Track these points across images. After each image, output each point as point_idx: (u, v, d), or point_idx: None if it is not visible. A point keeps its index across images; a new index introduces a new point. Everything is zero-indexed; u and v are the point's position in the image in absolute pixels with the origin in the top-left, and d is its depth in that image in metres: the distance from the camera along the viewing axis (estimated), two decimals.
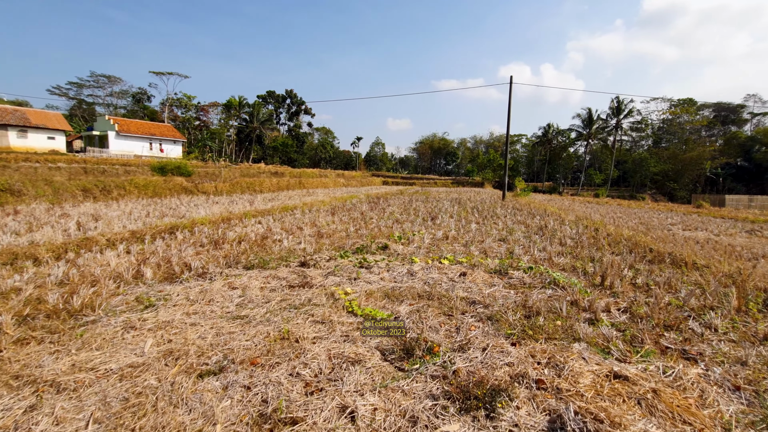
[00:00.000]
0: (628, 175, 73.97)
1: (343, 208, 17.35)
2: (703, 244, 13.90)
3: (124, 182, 20.53)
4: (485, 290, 5.36)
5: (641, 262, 7.42)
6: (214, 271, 6.23)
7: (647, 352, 3.52)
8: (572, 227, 12.26)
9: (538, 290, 5.44)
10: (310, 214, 14.96)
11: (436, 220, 13.57)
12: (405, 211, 16.99)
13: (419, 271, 6.34)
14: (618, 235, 9.91)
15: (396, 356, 3.40)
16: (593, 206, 32.92)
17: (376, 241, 8.82)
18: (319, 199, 21.69)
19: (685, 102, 76.59)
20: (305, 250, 7.99)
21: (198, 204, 17.08)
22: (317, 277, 5.92)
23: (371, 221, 13.09)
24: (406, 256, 7.55)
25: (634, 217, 23.32)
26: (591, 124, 68.03)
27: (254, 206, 16.82)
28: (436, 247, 8.68)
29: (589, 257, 7.67)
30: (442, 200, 24.29)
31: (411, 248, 8.45)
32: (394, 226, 12.04)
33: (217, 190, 26.12)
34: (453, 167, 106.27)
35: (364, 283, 5.69)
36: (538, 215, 15.89)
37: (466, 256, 7.63)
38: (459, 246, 8.86)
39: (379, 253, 7.98)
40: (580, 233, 10.87)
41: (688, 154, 66.05)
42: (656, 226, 18.37)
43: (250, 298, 4.97)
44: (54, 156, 29.09)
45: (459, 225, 12.57)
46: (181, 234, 9.54)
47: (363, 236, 10.02)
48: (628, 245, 8.86)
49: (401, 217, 14.52)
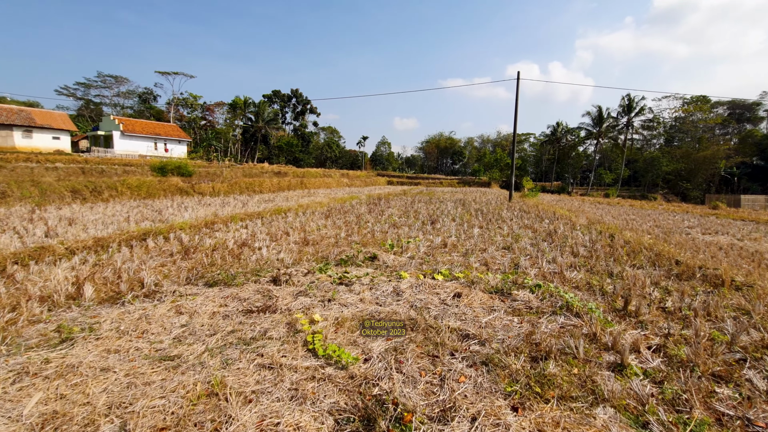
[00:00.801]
0: (639, 174, 72.10)
1: (339, 211, 16.46)
2: (727, 251, 12.78)
3: (116, 183, 19.83)
4: (483, 317, 4.41)
5: (668, 277, 6.41)
6: (168, 289, 5.35)
7: (699, 425, 2.55)
8: (584, 233, 11.23)
9: (548, 317, 4.48)
10: (303, 217, 14.08)
11: (437, 224, 12.61)
12: (405, 213, 16.04)
13: (407, 289, 5.41)
14: (637, 244, 8.88)
15: (352, 429, 2.48)
16: (604, 207, 31.67)
17: (364, 251, 7.89)
18: (317, 201, 20.81)
19: (699, 99, 74.42)
20: (283, 261, 7.10)
21: (188, 206, 16.29)
22: (286, 297, 5.02)
23: (366, 225, 12.18)
24: (396, 270, 6.62)
25: (649, 219, 22.13)
26: (601, 123, 66.29)
27: (246, 208, 15.99)
28: (432, 257, 7.74)
29: (606, 271, 6.68)
30: (445, 201, 23.29)
31: (404, 258, 7.51)
32: (389, 231, 11.11)
33: (214, 190, 25.38)
34: (460, 167, 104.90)
35: (339, 306, 4.77)
36: (546, 218, 14.85)
37: (465, 269, 6.68)
38: (458, 256, 7.91)
39: (366, 264, 7.06)
40: (593, 240, 9.86)
41: (701, 153, 64.09)
42: (673, 230, 17.23)
43: (193, 328, 4.08)
44: (54, 156, 28.67)
45: (461, 230, 11.61)
46: (153, 241, 8.71)
47: (353, 243, 9.12)
48: (650, 256, 7.84)
49: (400, 221, 13.59)
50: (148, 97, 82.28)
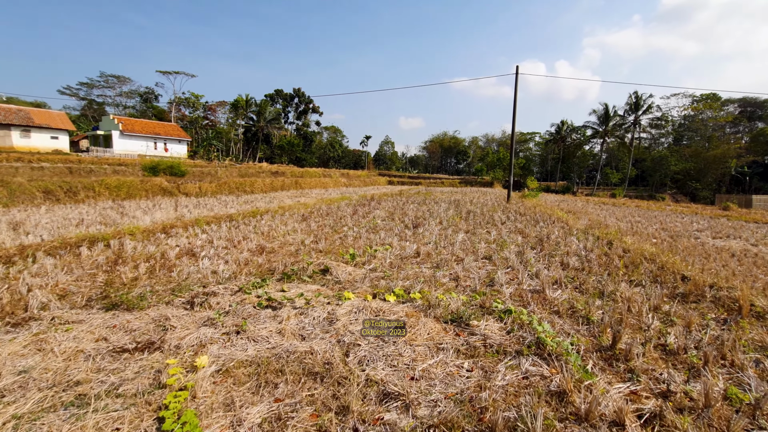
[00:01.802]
0: (647, 174, 70.25)
1: (322, 213, 15.44)
2: (740, 258, 11.59)
3: (93, 183, 18.99)
4: (422, 362, 3.36)
5: (671, 298, 5.30)
6: (49, 314, 4.36)
7: None
8: (580, 239, 10.10)
9: (509, 361, 3.41)
10: (279, 219, 13.08)
11: (419, 228, 11.54)
12: (391, 215, 14.99)
13: (344, 316, 4.36)
14: (638, 253, 7.74)
15: None
16: (609, 208, 30.36)
17: (317, 262, 6.85)
18: (304, 202, 19.81)
19: (709, 97, 72.40)
20: (218, 275, 6.08)
21: (162, 207, 15.37)
22: (186, 327, 4.01)
23: (342, 230, 11.15)
24: (345, 287, 5.58)
25: (655, 221, 20.86)
26: (607, 121, 64.58)
27: (225, 210, 15.03)
28: (397, 270, 6.68)
29: (597, 290, 5.58)
30: (439, 202, 22.18)
31: (362, 271, 6.47)
32: (364, 236, 10.07)
33: (201, 191, 24.49)
34: (464, 166, 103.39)
35: (247, 341, 3.74)
36: (542, 221, 13.71)
37: (429, 286, 5.62)
38: (428, 268, 6.85)
39: (314, 279, 6.03)
40: (589, 248, 8.73)
41: (711, 152, 62.19)
42: (681, 233, 16.00)
43: (31, 375, 3.07)
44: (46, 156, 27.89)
45: (444, 234, 10.53)
46: (91, 249, 7.75)
47: (315, 251, 8.09)
48: (652, 269, 6.71)
49: (382, 224, 12.55)
50: (149, 97, 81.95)
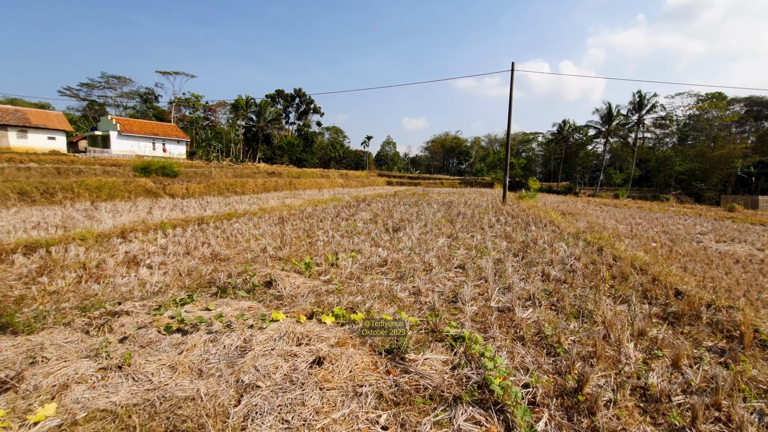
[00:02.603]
0: (651, 174, 69.02)
1: (303, 215, 14.72)
2: (745, 265, 10.76)
3: (72, 184, 18.38)
4: (326, 416, 2.61)
5: (662, 319, 4.52)
6: None
7: None
8: (569, 244, 9.31)
9: (441, 413, 2.66)
10: (254, 222, 12.37)
11: (399, 233, 10.78)
12: (375, 218, 14.24)
13: (261, 344, 3.62)
14: (628, 263, 6.95)
15: None
16: (610, 209, 29.46)
17: (262, 274, 6.12)
18: (289, 203, 19.10)
19: (714, 96, 71.02)
20: (145, 288, 5.37)
21: (136, 209, 14.72)
22: (64, 359, 3.29)
23: (315, 234, 10.42)
24: (284, 304, 4.85)
25: (656, 223, 19.99)
26: (610, 120, 63.41)
27: (202, 212, 14.35)
28: (354, 281, 5.94)
29: (575, 309, 4.81)
30: (432, 204, 21.40)
31: (314, 283, 5.73)
32: (336, 241, 9.32)
33: (188, 192, 23.84)
34: (466, 167, 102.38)
35: (122, 381, 3.01)
36: (533, 224, 12.91)
37: (379, 303, 4.88)
38: (390, 279, 6.10)
39: (254, 293, 5.30)
40: (576, 256, 7.94)
41: (717, 152, 60.91)
42: (682, 237, 15.15)
43: None
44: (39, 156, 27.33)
45: (423, 240, 9.77)
46: (28, 256, 7.07)
47: (278, 258, 7.37)
48: (643, 282, 5.92)
49: (362, 227, 11.81)
50: (149, 98, 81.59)
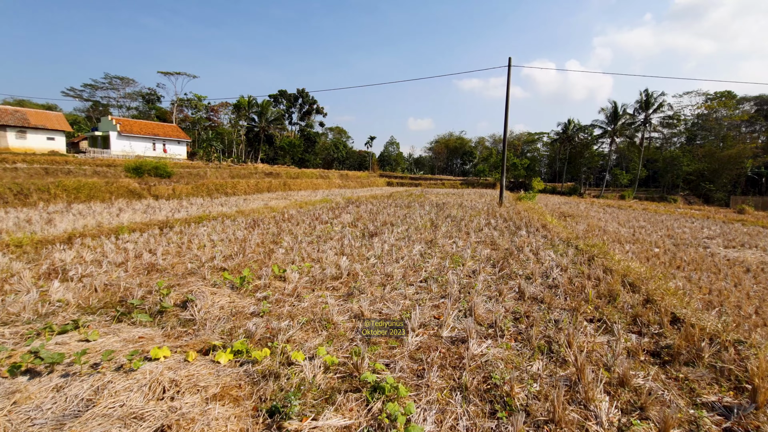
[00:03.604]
0: (659, 175, 67.44)
1: (284, 218, 13.86)
2: (756, 274, 9.72)
3: (48, 185, 17.70)
4: None
5: (652, 355, 3.58)
6: None
7: None
8: (558, 252, 8.35)
9: None
10: (223, 225, 11.53)
11: (374, 238, 9.87)
12: (356, 221, 13.35)
13: (113, 397, 2.74)
14: (619, 276, 5.98)
15: None
16: (613, 211, 28.31)
17: (184, 291, 5.24)
18: (273, 205, 18.27)
19: (723, 95, 69.30)
20: (37, 308, 4.51)
21: (105, 211, 13.95)
22: None
23: (281, 239, 9.55)
24: (188, 332, 3.98)
25: (661, 226, 18.88)
26: (616, 120, 61.94)
27: (169, 214, 13.54)
28: (294, 299, 5.05)
29: (545, 340, 3.88)
30: (424, 205, 20.46)
31: (243, 303, 4.84)
32: (303, 248, 8.43)
33: (175, 193, 23.13)
34: (470, 167, 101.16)
35: None
36: (524, 228, 11.94)
37: (304, 332, 3.98)
38: (335, 298, 5.20)
39: (162, 317, 4.42)
40: (563, 266, 6.98)
41: (726, 152, 59.26)
42: (688, 242, 14.09)
43: None
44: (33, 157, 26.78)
45: (397, 246, 8.86)
46: None
47: (221, 269, 6.50)
48: (634, 303, 4.96)
49: (339, 231, 10.93)
50: (151, 98, 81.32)
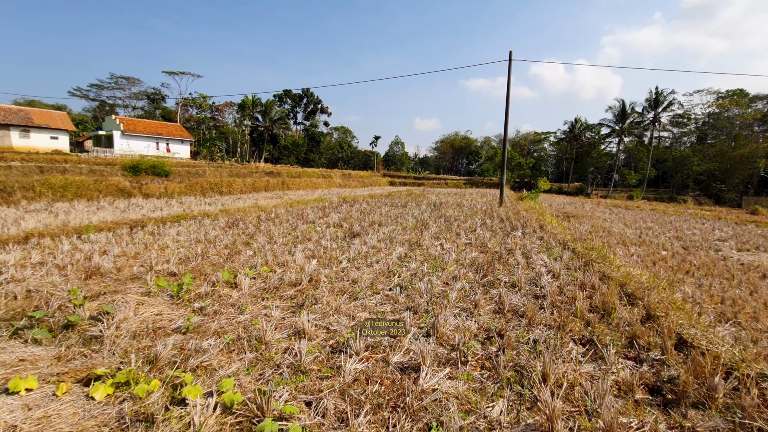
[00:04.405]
0: (668, 175, 65.89)
1: (268, 217, 13.20)
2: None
3: (33, 183, 17.22)
4: None
5: (650, 393, 2.81)
6: None
7: None
8: (552, 256, 7.55)
9: None
10: (199, 225, 10.89)
11: (355, 240, 9.14)
12: (343, 221, 12.64)
13: None
14: (617, 285, 5.18)
15: None
16: (620, 212, 27.29)
17: (107, 302, 4.56)
18: (263, 204, 17.62)
19: (735, 93, 67.53)
20: None
21: (86, 210, 13.40)
22: None
23: (254, 240, 8.87)
24: (84, 354, 3.28)
25: (670, 227, 17.92)
26: (624, 118, 60.52)
27: (159, 213, 12.93)
28: (233, 311, 4.35)
29: (515, 367, 3.12)
30: (421, 204, 19.69)
31: (172, 315, 4.15)
32: (268, 249, 7.73)
33: (166, 191, 22.59)
34: (476, 167, 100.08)
35: None
36: (520, 230, 11.14)
37: (222, 358, 3.27)
38: (281, 310, 4.48)
39: (67, 332, 3.74)
40: (556, 271, 6.20)
41: (738, 152, 57.64)
42: (698, 244, 13.17)
43: None
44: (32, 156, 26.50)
45: (377, 248, 8.13)
46: None
47: (171, 274, 5.82)
48: (632, 319, 4.17)
49: (321, 232, 10.22)
50: (156, 98, 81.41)
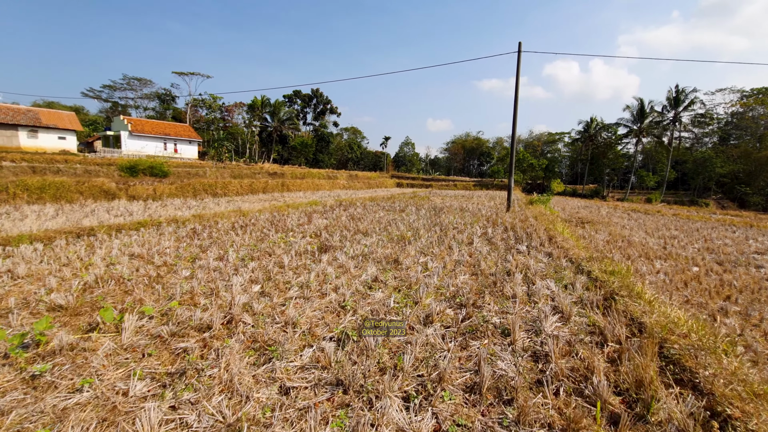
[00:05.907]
0: (689, 176, 62.97)
1: (240, 223, 11.88)
2: None
3: (7, 184, 16.24)
4: None
5: None
6: None
7: None
8: (563, 282, 6.00)
9: None
10: (159, 233, 9.60)
11: (325, 255, 7.71)
12: (323, 230, 11.24)
13: None
14: (656, 342, 3.62)
15: None
16: (639, 217, 25.28)
17: None
18: (246, 208, 16.31)
19: (761, 92, 64.23)
20: None
21: (58, 213, 12.27)
22: None
23: (206, 257, 7.52)
24: None
25: (697, 236, 16.03)
26: (642, 118, 57.87)
27: (133, 218, 11.73)
28: (76, 379, 2.97)
29: None
30: (421, 209, 18.16)
31: None
32: (207, 270, 6.37)
33: (155, 193, 21.52)
34: (487, 168, 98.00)
35: None
36: (525, 242, 9.57)
37: None
38: (146, 384, 3.08)
39: None
40: (566, 312, 4.67)
41: (763, 153, 54.56)
42: (733, 258, 11.36)
43: None
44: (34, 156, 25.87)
45: (346, 269, 6.69)
46: None
47: (67, 307, 4.49)
48: (685, 421, 2.64)
49: (294, 243, 8.84)
50: (167, 99, 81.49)
